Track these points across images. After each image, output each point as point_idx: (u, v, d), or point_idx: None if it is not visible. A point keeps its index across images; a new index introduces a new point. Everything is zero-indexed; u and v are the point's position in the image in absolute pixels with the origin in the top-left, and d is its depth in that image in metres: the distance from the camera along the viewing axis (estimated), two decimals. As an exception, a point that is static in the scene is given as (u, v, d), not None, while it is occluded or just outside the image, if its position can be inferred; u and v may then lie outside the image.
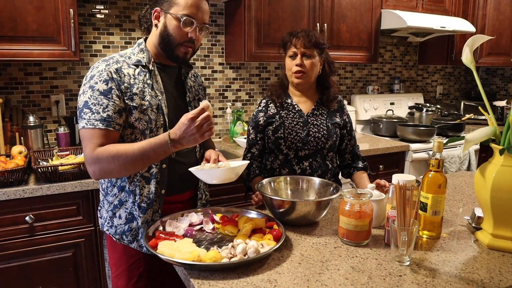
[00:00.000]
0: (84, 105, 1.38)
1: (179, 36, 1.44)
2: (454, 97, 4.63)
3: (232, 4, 2.93)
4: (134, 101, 1.42)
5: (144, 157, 1.34)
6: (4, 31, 2.10)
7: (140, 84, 1.44)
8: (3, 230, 1.97)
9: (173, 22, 1.43)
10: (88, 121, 1.37)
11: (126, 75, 1.43)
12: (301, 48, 1.79)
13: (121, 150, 1.34)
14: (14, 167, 1.97)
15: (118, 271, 1.57)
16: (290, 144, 1.83)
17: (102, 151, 1.35)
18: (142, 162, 1.36)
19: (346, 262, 1.24)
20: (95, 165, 1.37)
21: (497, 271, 1.20)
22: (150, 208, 1.50)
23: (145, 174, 1.49)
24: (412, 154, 3.14)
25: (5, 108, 2.41)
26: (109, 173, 1.39)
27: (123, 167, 1.35)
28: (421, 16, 3.41)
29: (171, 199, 1.57)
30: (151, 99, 1.45)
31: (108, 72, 1.40)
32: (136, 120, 1.43)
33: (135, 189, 1.48)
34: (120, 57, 1.48)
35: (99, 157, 1.35)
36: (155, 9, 1.47)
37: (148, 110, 1.44)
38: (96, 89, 1.38)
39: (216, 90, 3.17)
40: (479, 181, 1.37)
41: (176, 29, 1.43)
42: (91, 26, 2.66)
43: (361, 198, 1.34)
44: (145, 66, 1.48)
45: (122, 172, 1.40)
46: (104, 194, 1.56)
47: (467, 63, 1.41)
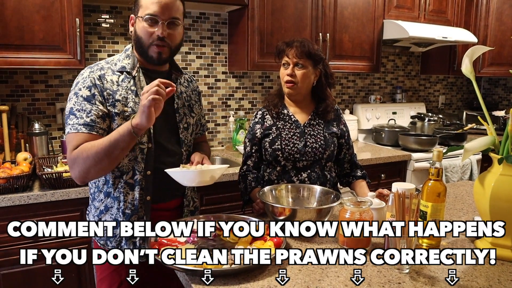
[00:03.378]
0: (70, 112, 1.41)
1: (146, 36, 1.44)
2: (456, 107, 4.64)
3: (236, 14, 2.97)
4: (116, 107, 1.43)
5: (113, 144, 1.33)
6: (11, 40, 2.14)
7: (123, 91, 1.45)
8: (7, 236, 1.98)
9: (140, 24, 1.44)
10: (72, 126, 1.39)
11: (109, 82, 1.45)
12: (293, 58, 1.79)
13: (92, 145, 1.35)
14: (19, 173, 2.00)
15: (102, 276, 1.58)
16: (287, 156, 1.82)
17: (76, 152, 1.36)
18: (114, 150, 1.33)
19: (345, 269, 1.25)
20: (74, 167, 1.39)
21: (496, 279, 1.21)
22: (134, 214, 1.51)
23: (129, 180, 1.49)
24: (414, 163, 3.15)
25: (11, 115, 2.44)
26: (87, 172, 1.38)
27: (98, 160, 1.34)
28: (423, 26, 3.44)
29: (158, 206, 1.57)
30: (134, 105, 1.46)
31: (91, 78, 1.42)
32: (118, 127, 1.41)
33: (119, 196, 1.49)
34: (106, 64, 1.50)
35: (74, 158, 1.37)
36: (131, 17, 1.50)
37: (130, 117, 1.41)
38: (80, 95, 1.41)
39: (219, 98, 3.20)
40: (478, 190, 1.38)
41: (142, 30, 1.44)
42: (97, 35, 2.70)
43: (361, 206, 1.36)
44: (129, 72, 1.48)
45: (99, 167, 1.36)
46: (91, 199, 1.58)
47: (467, 74, 1.42)
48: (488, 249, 1.36)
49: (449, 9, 3.70)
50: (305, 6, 2.99)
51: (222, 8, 2.99)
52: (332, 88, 1.94)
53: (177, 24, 1.46)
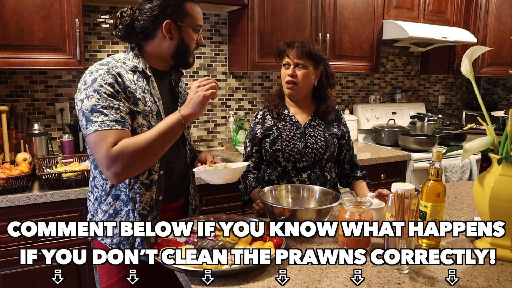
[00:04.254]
0: (93, 109, 1.33)
1: (193, 44, 1.52)
2: (456, 107, 4.64)
3: (236, 14, 2.97)
4: (138, 106, 1.41)
5: (164, 138, 1.35)
6: (11, 40, 2.14)
7: (140, 90, 1.44)
8: (7, 236, 1.99)
9: (190, 33, 1.49)
10: (102, 123, 1.31)
11: (127, 80, 1.41)
12: (294, 59, 1.79)
13: (137, 139, 1.32)
14: (18, 174, 2.00)
15: (110, 282, 1.52)
16: (288, 156, 1.82)
17: (118, 147, 1.30)
18: (164, 142, 1.37)
19: (345, 269, 1.25)
20: (116, 164, 1.30)
21: (495, 279, 1.21)
22: (150, 215, 1.50)
23: (145, 181, 1.48)
24: (413, 163, 3.15)
25: (10, 116, 2.44)
26: (132, 168, 1.33)
27: (147, 153, 1.33)
28: (423, 26, 3.44)
29: (165, 207, 1.57)
30: (152, 105, 1.45)
31: (112, 75, 1.37)
32: (139, 126, 1.41)
33: (135, 197, 1.46)
34: (116, 62, 1.44)
35: (116, 155, 1.29)
36: (166, 22, 1.44)
37: (149, 116, 1.44)
38: (103, 91, 1.34)
39: (219, 99, 3.20)
40: (478, 190, 1.39)
41: (192, 38, 1.51)
42: (96, 35, 2.70)
43: (360, 207, 1.36)
44: (142, 71, 1.47)
45: (146, 160, 1.35)
46: (98, 203, 1.51)
47: (466, 74, 1.43)
48: (487, 249, 1.36)
49: (448, 9, 3.71)
50: (305, 6, 2.99)
51: (222, 8, 2.99)
52: (332, 89, 1.94)
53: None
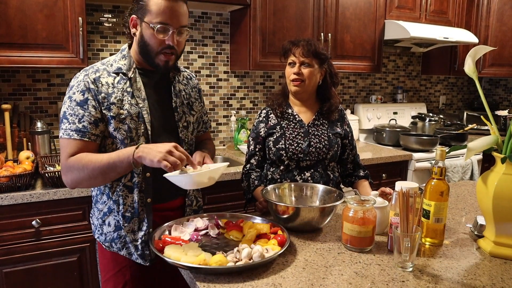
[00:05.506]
0: (63, 116, 1.40)
1: (156, 44, 1.39)
2: (457, 107, 4.65)
3: (238, 13, 2.98)
4: (111, 110, 1.40)
5: (111, 167, 1.34)
6: (14, 39, 2.14)
7: (119, 93, 1.42)
8: (10, 234, 1.99)
9: (148, 31, 1.38)
10: (65, 131, 1.38)
11: (104, 85, 1.41)
12: (300, 57, 1.79)
13: (90, 160, 1.35)
14: (21, 172, 2.00)
15: (106, 277, 1.57)
16: (291, 155, 1.83)
17: (73, 161, 1.37)
18: (110, 172, 1.35)
19: (349, 267, 1.26)
20: (67, 174, 1.39)
21: (499, 278, 1.21)
22: (134, 217, 1.49)
23: (128, 183, 1.47)
24: (415, 163, 3.16)
25: (13, 114, 2.44)
26: (79, 183, 1.40)
27: (92, 176, 1.36)
28: (424, 26, 3.45)
29: (160, 207, 1.56)
30: (130, 107, 1.43)
31: (85, 82, 1.39)
32: (114, 130, 1.41)
33: (118, 199, 1.48)
34: (102, 65, 1.46)
35: (69, 166, 1.38)
36: (132, 17, 1.42)
37: (127, 119, 1.42)
38: (73, 99, 1.39)
39: (221, 98, 3.20)
40: (481, 189, 1.39)
41: (152, 38, 1.38)
42: (99, 34, 2.70)
43: (364, 205, 1.36)
44: (125, 73, 1.45)
45: (92, 181, 1.39)
46: (94, 202, 1.56)
47: (470, 73, 1.43)
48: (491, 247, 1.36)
49: (450, 9, 3.71)
50: (307, 6, 2.99)
51: (224, 7, 2.99)
52: (336, 88, 1.95)
53: (184, 32, 1.44)
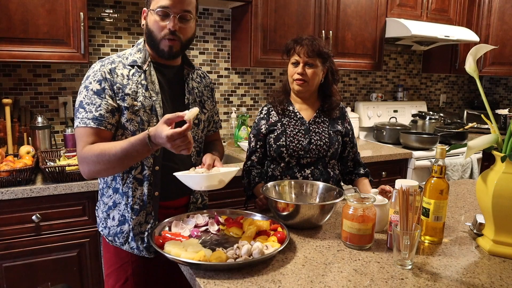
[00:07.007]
0: (79, 105, 1.41)
1: (158, 30, 1.42)
2: (457, 106, 4.65)
3: (239, 10, 2.97)
4: (125, 101, 1.42)
5: (127, 156, 1.32)
6: (15, 33, 2.14)
7: (133, 85, 1.44)
8: (10, 229, 1.99)
9: (152, 18, 1.43)
10: (81, 120, 1.39)
11: (120, 76, 1.44)
12: (304, 57, 1.79)
13: (104, 150, 1.34)
14: (22, 166, 2.00)
15: (109, 271, 1.59)
16: (292, 152, 1.83)
17: (88, 150, 1.36)
18: (127, 160, 1.34)
19: (349, 265, 1.26)
20: (83, 164, 1.39)
21: (498, 276, 1.22)
22: (143, 210, 1.50)
23: (138, 176, 1.48)
24: (414, 161, 3.16)
25: (13, 109, 2.45)
26: (97, 173, 1.40)
27: (109, 166, 1.35)
28: (426, 25, 3.44)
29: (166, 204, 1.56)
30: (144, 100, 1.45)
31: (102, 72, 1.42)
32: (127, 121, 1.43)
33: (128, 191, 1.48)
34: (118, 58, 1.49)
35: (85, 156, 1.37)
36: (143, 10, 1.49)
37: (140, 111, 1.44)
38: (90, 88, 1.41)
39: (222, 95, 3.20)
40: (481, 187, 1.39)
41: (154, 24, 1.42)
42: (100, 29, 2.70)
43: (364, 203, 1.37)
44: (140, 66, 1.48)
45: (110, 171, 1.40)
46: (100, 195, 1.58)
47: (470, 72, 1.43)
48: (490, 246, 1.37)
49: (451, 8, 3.71)
50: (308, 3, 2.99)
51: (226, 4, 2.99)
52: (336, 84, 1.95)
53: (188, 18, 1.44)
